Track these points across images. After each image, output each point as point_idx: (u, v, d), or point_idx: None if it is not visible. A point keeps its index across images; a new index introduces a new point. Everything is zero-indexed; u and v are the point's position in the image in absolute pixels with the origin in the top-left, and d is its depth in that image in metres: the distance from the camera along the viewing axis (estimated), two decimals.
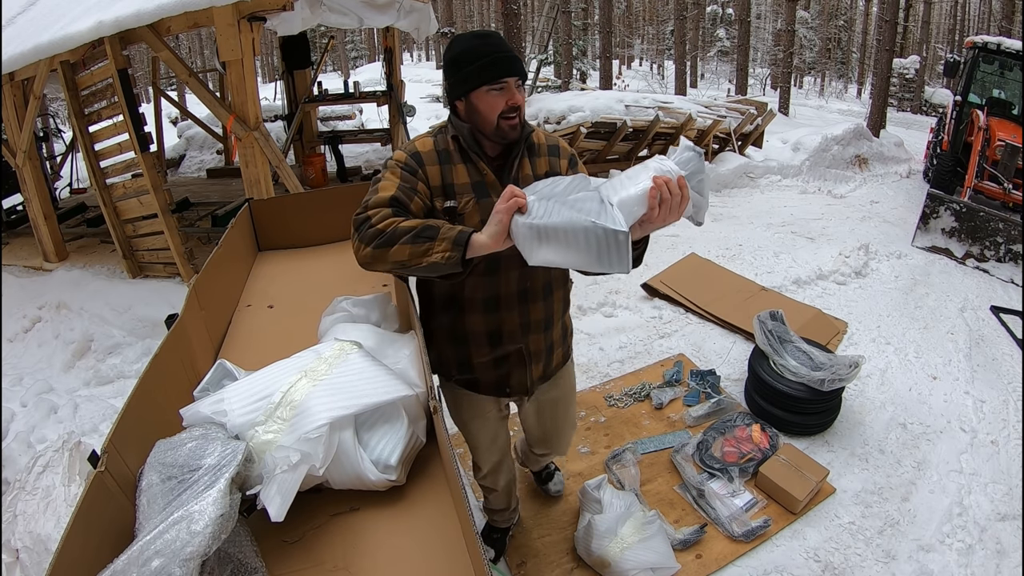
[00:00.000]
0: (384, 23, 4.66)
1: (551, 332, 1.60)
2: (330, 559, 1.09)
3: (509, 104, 1.35)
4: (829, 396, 2.76)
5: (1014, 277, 4.68)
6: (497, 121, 1.36)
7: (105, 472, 1.03)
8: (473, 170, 1.41)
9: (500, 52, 1.34)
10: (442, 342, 1.57)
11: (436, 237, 1.21)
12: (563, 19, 15.17)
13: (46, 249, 4.66)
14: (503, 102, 1.35)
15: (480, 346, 1.53)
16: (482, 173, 1.41)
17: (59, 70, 3.84)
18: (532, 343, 1.56)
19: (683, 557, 2.17)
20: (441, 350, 1.58)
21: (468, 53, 1.35)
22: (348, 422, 1.20)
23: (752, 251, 4.96)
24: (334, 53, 27.71)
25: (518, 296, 1.48)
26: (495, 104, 1.35)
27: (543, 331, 1.57)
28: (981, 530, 2.39)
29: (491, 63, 1.33)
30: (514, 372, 1.58)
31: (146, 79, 8.56)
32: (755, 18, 24.61)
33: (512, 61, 1.34)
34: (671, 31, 20.86)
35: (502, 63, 1.33)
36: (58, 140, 7.18)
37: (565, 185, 1.19)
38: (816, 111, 15.22)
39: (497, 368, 1.56)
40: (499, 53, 1.34)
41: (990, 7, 23.38)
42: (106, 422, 2.87)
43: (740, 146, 7.36)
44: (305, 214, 2.63)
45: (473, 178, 1.41)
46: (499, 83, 1.34)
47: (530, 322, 1.53)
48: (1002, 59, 6.75)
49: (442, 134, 1.44)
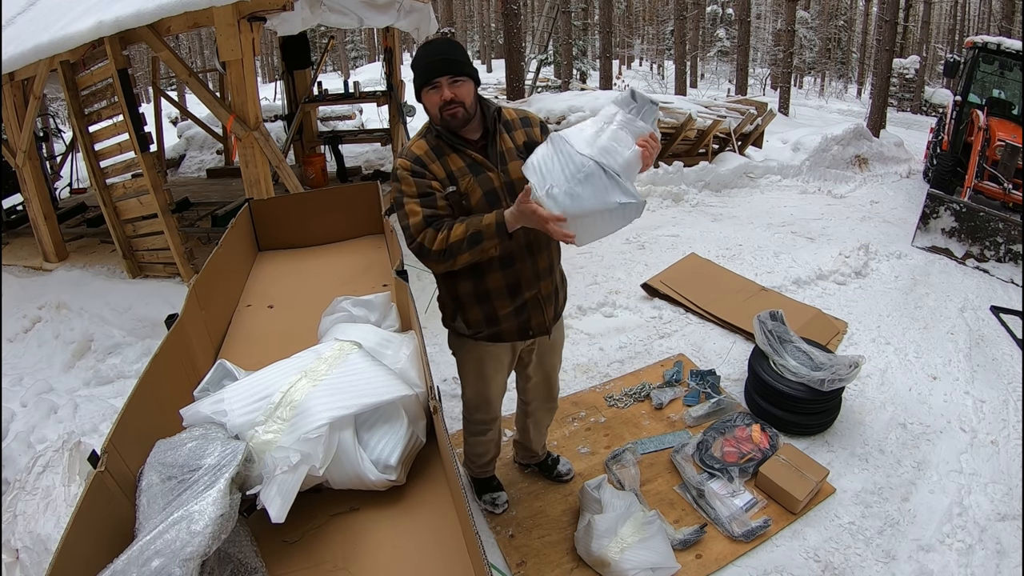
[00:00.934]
0: (384, 23, 4.66)
1: (555, 276, 1.87)
2: (330, 559, 1.09)
3: (443, 99, 1.56)
4: (829, 396, 2.76)
5: (1014, 277, 4.68)
6: (440, 114, 1.59)
7: (105, 472, 1.04)
8: (464, 155, 1.64)
9: (434, 56, 1.56)
10: (469, 305, 1.78)
11: (484, 238, 1.52)
12: (563, 19, 15.16)
13: (46, 249, 4.66)
14: (438, 98, 1.57)
15: (502, 299, 1.75)
16: (471, 156, 1.64)
17: (59, 70, 3.83)
18: (543, 287, 1.80)
19: (683, 557, 2.17)
20: (468, 313, 1.79)
21: (415, 61, 1.61)
22: (348, 422, 1.20)
23: (752, 251, 4.96)
24: (334, 53, 27.71)
25: (526, 249, 1.71)
26: (433, 100, 1.58)
27: (549, 276, 1.82)
28: (981, 530, 2.39)
29: (425, 67, 1.56)
30: (533, 315, 1.82)
31: (146, 79, 8.56)
32: (755, 18, 24.61)
33: (442, 63, 1.55)
34: (671, 31, 20.85)
35: (432, 66, 1.55)
36: (58, 140, 7.18)
37: (561, 166, 1.38)
38: (816, 111, 15.22)
39: (518, 316, 1.79)
40: (433, 57, 1.56)
41: (990, 7, 23.38)
42: (106, 422, 2.87)
43: (740, 146, 7.36)
44: (305, 214, 2.63)
45: (466, 161, 1.64)
46: (432, 83, 1.57)
47: (539, 270, 1.77)
48: (1002, 59, 6.74)
49: (430, 133, 1.67)
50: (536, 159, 1.46)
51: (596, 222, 1.39)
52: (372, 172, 6.60)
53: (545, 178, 1.39)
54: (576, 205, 1.35)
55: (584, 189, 1.34)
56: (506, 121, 1.72)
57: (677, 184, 6.41)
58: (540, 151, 1.48)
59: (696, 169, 6.68)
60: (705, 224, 5.70)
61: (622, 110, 1.43)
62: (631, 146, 1.38)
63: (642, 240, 5.21)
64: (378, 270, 2.39)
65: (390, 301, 1.96)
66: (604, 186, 1.34)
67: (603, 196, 1.34)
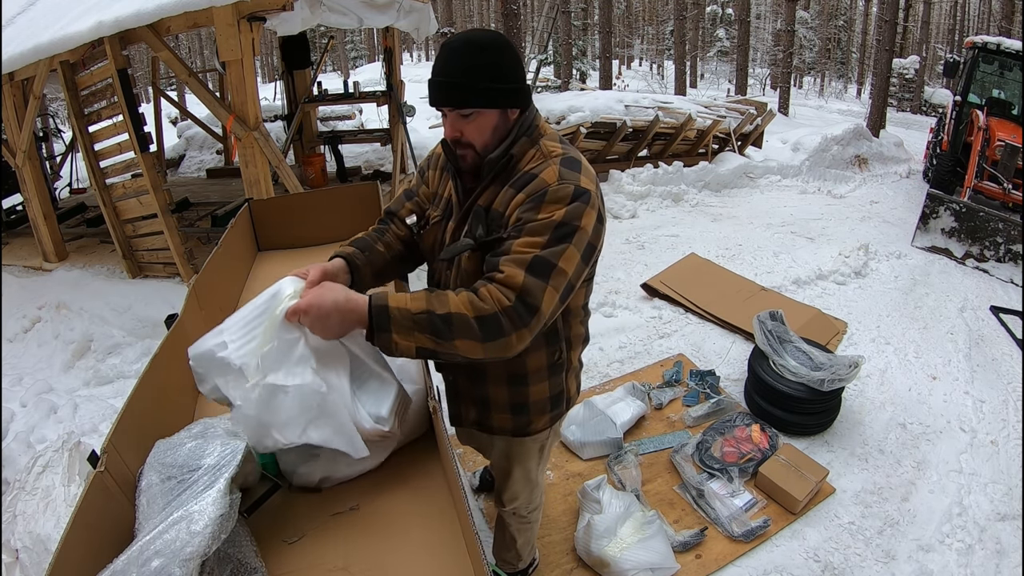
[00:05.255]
0: (384, 23, 4.66)
1: (486, 384, 1.41)
2: (330, 559, 1.09)
3: (448, 136, 1.20)
4: (829, 396, 2.76)
5: (1014, 277, 4.68)
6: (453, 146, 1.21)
7: (105, 472, 1.04)
8: (454, 184, 1.28)
9: (437, 76, 1.14)
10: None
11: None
12: (563, 19, 15.16)
13: (46, 249, 4.65)
14: (446, 131, 1.20)
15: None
16: (458, 191, 1.27)
17: (59, 70, 3.83)
18: (461, 381, 1.48)
19: (683, 557, 2.17)
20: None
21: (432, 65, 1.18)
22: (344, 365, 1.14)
23: (752, 251, 4.96)
24: (334, 53, 27.71)
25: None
26: (445, 130, 1.21)
27: (480, 376, 1.43)
28: (981, 530, 2.39)
29: (431, 85, 1.16)
30: (451, 403, 1.51)
31: (146, 79, 8.55)
32: (755, 18, 24.62)
33: (443, 89, 1.14)
34: (671, 31, 20.86)
35: (436, 90, 1.15)
36: (58, 140, 7.17)
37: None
38: (816, 111, 15.22)
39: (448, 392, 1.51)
40: (436, 77, 1.15)
41: (990, 7, 23.38)
42: (106, 422, 2.87)
43: (740, 146, 7.36)
44: (305, 214, 2.63)
45: (450, 193, 1.30)
46: (440, 109, 1.18)
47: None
48: (1002, 59, 6.75)
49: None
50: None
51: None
52: (372, 172, 6.60)
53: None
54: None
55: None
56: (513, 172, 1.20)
57: (677, 184, 6.42)
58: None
59: (696, 169, 6.69)
60: (705, 224, 5.71)
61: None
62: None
63: (642, 240, 5.22)
64: None
65: None
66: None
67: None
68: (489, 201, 1.20)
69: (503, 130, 1.20)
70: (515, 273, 1.06)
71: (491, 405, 1.40)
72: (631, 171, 6.43)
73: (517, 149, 1.20)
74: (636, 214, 5.88)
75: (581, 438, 2.65)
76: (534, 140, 1.21)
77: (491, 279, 1.08)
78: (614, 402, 2.85)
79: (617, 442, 2.64)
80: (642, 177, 6.32)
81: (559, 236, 1.09)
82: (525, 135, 1.21)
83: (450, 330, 1.04)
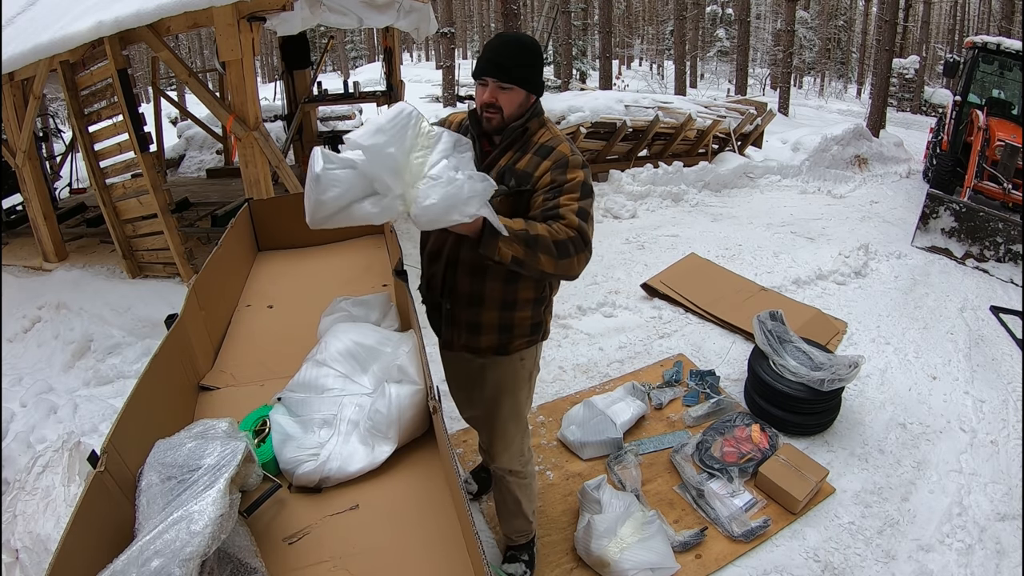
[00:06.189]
0: (384, 23, 4.66)
1: (480, 306, 1.72)
2: (330, 558, 1.09)
3: (483, 101, 1.57)
4: (829, 396, 2.76)
5: (1014, 277, 4.68)
6: (481, 110, 1.59)
7: (105, 472, 1.04)
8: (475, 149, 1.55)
9: (492, 55, 1.55)
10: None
11: None
12: (563, 19, 15.16)
13: (46, 249, 4.65)
14: (481, 96, 1.58)
15: (421, 291, 1.81)
16: (476, 153, 1.56)
17: (59, 70, 3.83)
18: (455, 304, 1.76)
19: (682, 557, 2.17)
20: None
21: (484, 45, 1.62)
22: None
23: (752, 251, 4.96)
24: (334, 53, 27.71)
25: (435, 255, 1.73)
26: (478, 95, 1.59)
27: (469, 299, 1.74)
28: (981, 530, 2.39)
29: (482, 60, 1.56)
30: (444, 326, 1.79)
31: (146, 79, 8.55)
32: (755, 18, 24.62)
33: (496, 65, 1.54)
34: (671, 31, 20.86)
35: (488, 63, 1.55)
36: (58, 140, 7.17)
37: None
38: (816, 111, 15.23)
39: (434, 315, 1.80)
40: (491, 55, 1.55)
41: (990, 7, 23.38)
42: (106, 422, 2.87)
43: (740, 146, 7.36)
44: (305, 214, 2.62)
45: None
46: (481, 79, 1.56)
47: (452, 282, 1.73)
48: (1002, 59, 6.75)
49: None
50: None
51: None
52: None
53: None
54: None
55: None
56: (528, 142, 1.60)
57: (677, 184, 6.41)
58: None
59: (696, 169, 6.69)
60: (705, 224, 5.71)
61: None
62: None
63: (642, 240, 5.22)
64: (377, 270, 2.39)
65: (389, 301, 1.96)
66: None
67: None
68: (513, 162, 1.58)
69: (524, 107, 1.60)
70: (572, 218, 1.48)
71: (482, 328, 1.70)
72: (631, 171, 6.43)
73: (531, 124, 1.62)
74: (636, 214, 5.88)
75: (581, 438, 2.64)
76: (542, 121, 1.65)
77: (556, 219, 1.48)
78: (614, 402, 2.84)
79: (617, 442, 2.64)
80: (642, 177, 6.32)
81: (585, 192, 1.54)
82: (536, 116, 1.63)
83: (537, 245, 1.42)
